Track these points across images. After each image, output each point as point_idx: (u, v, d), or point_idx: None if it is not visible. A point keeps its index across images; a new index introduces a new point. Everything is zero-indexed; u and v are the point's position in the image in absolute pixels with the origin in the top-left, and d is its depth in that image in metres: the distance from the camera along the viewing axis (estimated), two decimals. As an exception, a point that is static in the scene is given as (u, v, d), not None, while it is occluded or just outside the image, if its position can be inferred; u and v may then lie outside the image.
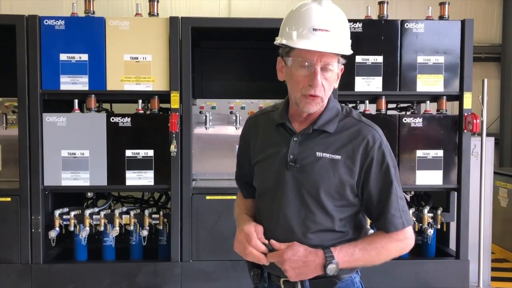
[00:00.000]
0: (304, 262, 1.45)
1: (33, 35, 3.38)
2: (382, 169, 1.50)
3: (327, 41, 1.43)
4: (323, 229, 1.50)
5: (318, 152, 1.50)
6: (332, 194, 1.49)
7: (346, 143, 1.50)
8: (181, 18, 3.46)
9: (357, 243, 1.49)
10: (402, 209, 1.51)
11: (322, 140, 1.52)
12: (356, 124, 1.54)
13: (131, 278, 3.52)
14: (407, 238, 1.53)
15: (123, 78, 3.44)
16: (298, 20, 1.47)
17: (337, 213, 1.51)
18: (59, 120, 3.44)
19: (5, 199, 3.44)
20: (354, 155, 1.49)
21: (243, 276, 3.53)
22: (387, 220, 1.50)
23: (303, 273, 1.46)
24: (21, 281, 3.45)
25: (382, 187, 1.50)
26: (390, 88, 3.59)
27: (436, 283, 3.65)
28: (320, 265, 1.44)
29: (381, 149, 1.50)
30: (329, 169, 1.48)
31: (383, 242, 1.50)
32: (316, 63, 1.44)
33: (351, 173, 1.49)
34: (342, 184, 1.49)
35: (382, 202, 1.50)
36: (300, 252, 1.45)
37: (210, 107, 3.81)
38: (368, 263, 1.50)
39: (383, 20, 3.62)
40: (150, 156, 3.49)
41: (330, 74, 1.46)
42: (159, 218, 3.58)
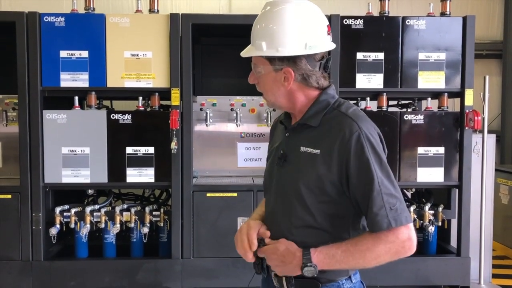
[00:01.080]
0: (282, 262, 1.45)
1: (33, 32, 3.37)
2: (361, 164, 1.39)
3: (251, 44, 1.51)
4: (305, 225, 1.48)
5: (302, 146, 1.49)
6: (312, 188, 1.45)
7: (325, 137, 1.45)
8: (182, 15, 3.45)
9: (340, 245, 1.41)
10: (391, 207, 1.38)
11: (306, 134, 1.50)
12: (338, 116, 1.46)
13: (131, 275, 3.52)
14: (400, 240, 1.38)
15: (124, 75, 3.44)
16: None
17: (318, 210, 1.45)
18: (60, 117, 3.43)
19: (6, 196, 3.44)
20: (330, 149, 1.42)
21: (244, 273, 3.54)
22: (371, 219, 1.39)
23: (285, 271, 1.47)
24: (22, 278, 3.45)
25: (364, 184, 1.39)
26: (391, 85, 3.58)
27: (437, 280, 3.65)
28: (298, 266, 1.41)
29: (359, 142, 1.39)
30: (308, 164, 1.45)
31: (369, 244, 1.39)
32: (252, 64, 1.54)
33: (328, 167, 1.42)
34: (320, 179, 1.43)
35: (365, 199, 1.39)
36: (278, 251, 1.45)
37: (211, 104, 3.80)
38: (353, 266, 1.43)
39: (384, 16, 3.61)
40: (150, 153, 3.48)
41: (258, 75, 1.51)
42: (160, 215, 3.58)
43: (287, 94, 1.51)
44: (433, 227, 3.68)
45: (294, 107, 1.54)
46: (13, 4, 4.43)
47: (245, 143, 3.83)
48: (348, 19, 3.50)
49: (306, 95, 1.52)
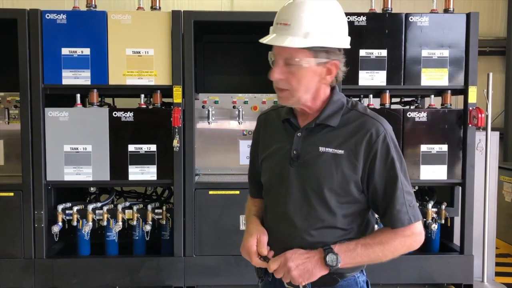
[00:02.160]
0: (306, 258, 1.43)
1: (34, 29, 3.36)
2: (387, 163, 1.44)
3: (284, 35, 1.40)
4: (325, 226, 1.48)
5: (321, 147, 1.47)
6: (335, 190, 1.45)
7: (349, 137, 1.45)
8: (184, 12, 3.44)
9: (359, 240, 1.45)
10: (409, 204, 1.46)
11: (325, 134, 1.49)
12: (360, 117, 1.49)
13: (134, 273, 3.51)
14: (415, 234, 1.47)
15: (125, 73, 3.43)
16: (276, 15, 1.49)
17: (340, 210, 1.47)
18: (61, 114, 3.42)
19: (8, 194, 3.44)
20: (357, 149, 1.44)
21: (246, 271, 3.53)
22: (393, 216, 1.45)
23: (307, 270, 1.43)
24: (24, 276, 3.45)
25: (387, 182, 1.45)
26: (394, 82, 3.56)
27: (440, 278, 3.64)
28: (321, 258, 1.42)
29: (385, 142, 1.44)
30: (331, 164, 1.45)
31: (388, 238, 1.45)
32: (278, 57, 1.44)
33: (354, 168, 1.44)
34: (345, 180, 1.44)
35: (388, 197, 1.45)
36: (300, 251, 1.45)
37: (213, 101, 3.79)
38: (372, 260, 1.46)
39: (387, 13, 3.59)
40: (152, 151, 3.48)
41: (296, 68, 1.42)
42: (162, 213, 3.57)
43: (316, 90, 1.48)
44: (436, 225, 3.66)
45: (314, 105, 1.51)
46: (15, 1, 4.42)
47: (247, 141, 3.81)
48: (351, 16, 3.48)
49: (325, 93, 1.51)
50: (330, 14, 1.44)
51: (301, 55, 1.41)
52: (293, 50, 1.40)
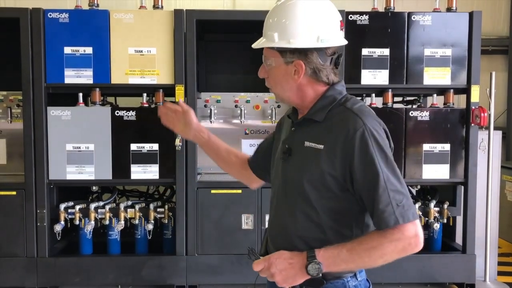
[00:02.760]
0: (289, 264, 1.42)
1: (37, 28, 3.36)
2: (366, 160, 1.37)
3: (263, 36, 1.51)
4: (308, 220, 1.47)
5: (306, 141, 1.48)
6: (314, 184, 1.43)
7: (329, 132, 1.44)
8: (186, 11, 3.44)
9: (346, 244, 1.39)
10: (397, 203, 1.35)
11: (311, 129, 1.49)
12: (343, 112, 1.45)
13: (136, 271, 3.52)
14: (406, 237, 1.35)
15: (128, 72, 3.43)
16: None
17: (322, 205, 1.44)
18: (64, 113, 3.43)
19: (10, 193, 3.45)
20: (335, 145, 1.40)
21: (248, 270, 3.52)
22: (377, 217, 1.36)
23: (289, 276, 1.42)
24: (27, 274, 3.46)
25: (368, 180, 1.37)
26: (396, 81, 3.55)
27: (442, 278, 3.63)
28: (304, 265, 1.39)
29: (364, 138, 1.37)
30: (311, 159, 1.44)
31: (375, 242, 1.36)
32: (263, 58, 1.53)
33: (332, 163, 1.40)
34: (323, 175, 1.41)
35: (371, 196, 1.37)
36: (285, 255, 1.43)
37: (215, 100, 3.79)
38: (360, 265, 1.41)
39: (389, 12, 3.58)
40: (155, 150, 3.48)
41: (269, 68, 1.51)
42: (164, 212, 3.57)
43: (296, 88, 1.50)
44: (438, 224, 3.66)
45: (302, 102, 1.53)
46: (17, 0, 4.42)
47: (249, 140, 3.81)
48: (353, 15, 3.48)
49: (314, 90, 1.51)
50: (298, 14, 1.45)
51: (271, 55, 1.50)
52: (267, 51, 1.50)
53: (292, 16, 1.45)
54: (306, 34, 1.44)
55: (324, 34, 1.44)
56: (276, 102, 3.71)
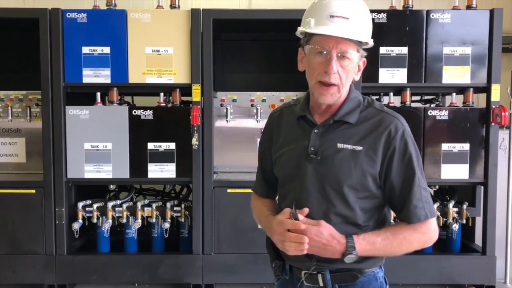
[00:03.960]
0: (324, 245, 1.43)
1: (56, 28, 3.40)
2: (404, 159, 1.46)
3: (345, 28, 1.42)
4: (345, 222, 1.48)
5: (339, 143, 1.48)
6: (354, 186, 1.46)
7: (367, 134, 1.47)
8: (203, 10, 3.44)
9: (379, 232, 1.46)
10: (426, 200, 1.48)
11: (343, 131, 1.50)
12: (377, 114, 1.51)
13: (153, 270, 3.54)
14: (430, 231, 1.49)
15: (145, 71, 3.44)
16: (318, 8, 1.48)
17: (359, 205, 1.48)
18: (82, 113, 3.46)
19: (30, 191, 3.49)
20: (376, 145, 1.46)
21: (265, 269, 3.52)
22: (410, 211, 1.46)
23: (320, 253, 1.45)
24: (46, 271, 3.50)
25: (404, 178, 1.47)
26: (415, 80, 3.51)
27: (461, 279, 3.58)
28: (339, 252, 1.42)
29: (403, 138, 1.47)
30: (350, 161, 1.46)
31: (406, 233, 1.47)
32: (332, 50, 1.43)
33: (373, 163, 1.46)
34: (364, 175, 1.46)
35: (405, 192, 1.47)
36: (323, 235, 1.42)
37: (231, 100, 3.78)
38: (388, 254, 1.48)
39: (408, 10, 3.54)
40: (172, 149, 3.49)
41: (348, 62, 1.45)
42: (181, 211, 3.59)
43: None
44: (457, 225, 3.61)
45: (338, 101, 1.52)
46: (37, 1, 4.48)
47: (265, 139, 3.80)
48: (371, 13, 3.42)
49: (346, 90, 1.52)
50: (368, 11, 1.51)
51: (354, 50, 1.45)
52: (349, 44, 1.43)
53: (366, 13, 1.49)
54: (370, 32, 1.50)
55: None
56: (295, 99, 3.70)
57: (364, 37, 1.46)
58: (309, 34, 1.48)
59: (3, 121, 3.73)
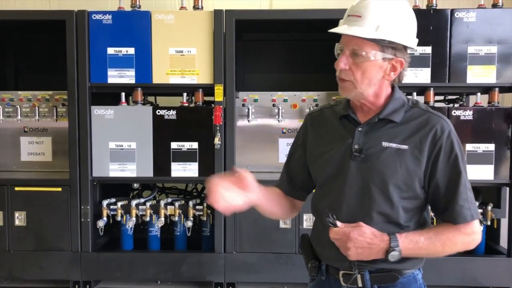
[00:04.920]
0: (368, 244, 1.43)
1: (82, 29, 3.46)
2: (450, 159, 1.47)
3: (355, 26, 1.44)
4: (387, 221, 1.49)
5: (384, 142, 1.49)
6: (398, 184, 1.47)
7: (413, 133, 1.49)
8: (226, 11, 3.47)
9: (422, 232, 1.47)
10: (471, 201, 1.48)
11: (388, 130, 1.51)
12: (423, 114, 1.52)
13: (175, 268, 3.58)
14: (474, 233, 1.50)
15: (169, 72, 3.49)
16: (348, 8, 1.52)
17: (402, 205, 1.48)
18: (107, 112, 3.52)
19: (56, 189, 3.56)
20: (421, 145, 1.47)
21: (286, 269, 3.54)
22: (456, 211, 1.46)
23: (364, 255, 1.44)
24: (71, 268, 3.57)
25: (450, 177, 1.47)
26: (438, 79, 3.48)
27: (485, 282, 3.53)
28: (383, 250, 1.42)
29: (449, 138, 1.48)
30: (395, 159, 1.47)
31: (449, 234, 1.47)
32: (345, 47, 1.47)
33: (418, 163, 1.47)
34: (409, 174, 1.47)
35: (451, 192, 1.47)
36: (366, 234, 1.43)
37: (253, 99, 3.79)
38: (431, 254, 1.49)
39: (431, 9, 3.51)
40: (194, 148, 3.53)
41: (361, 59, 1.45)
42: (203, 210, 3.62)
43: (379, 86, 1.50)
44: (482, 226, 3.56)
45: (375, 101, 1.53)
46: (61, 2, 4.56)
47: (286, 139, 3.80)
48: (394, 13, 3.41)
49: (387, 90, 1.54)
50: (401, 12, 1.47)
51: (369, 48, 1.44)
52: (362, 41, 1.44)
53: (400, 13, 1.46)
54: (410, 32, 1.48)
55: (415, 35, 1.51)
56: (315, 100, 3.71)
57: (378, 34, 1.42)
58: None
59: (30, 121, 3.82)
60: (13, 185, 3.57)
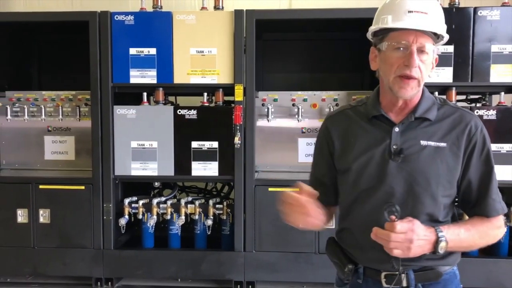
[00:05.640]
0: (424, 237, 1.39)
1: (104, 30, 3.52)
2: (483, 154, 1.52)
3: (424, 22, 1.44)
4: (429, 219, 1.49)
5: (422, 140, 1.50)
6: (442, 182, 1.49)
7: (449, 130, 1.52)
8: (246, 11, 3.48)
9: (460, 225, 1.49)
10: (500, 196, 1.55)
11: (425, 128, 1.52)
12: (455, 111, 1.56)
13: (196, 266, 3.61)
14: (502, 226, 1.55)
15: (189, 72, 3.52)
16: (393, 6, 1.49)
17: (443, 202, 1.51)
18: (129, 112, 3.57)
19: (79, 187, 3.63)
20: (459, 142, 1.50)
21: (306, 268, 3.54)
22: (489, 205, 1.51)
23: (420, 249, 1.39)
24: (94, 265, 3.64)
25: (483, 172, 1.51)
26: (461, 79, 3.44)
27: (510, 284, 3.47)
28: (433, 242, 1.41)
29: (482, 134, 1.52)
30: (435, 157, 1.48)
31: (484, 226, 1.51)
32: (412, 44, 1.44)
33: (457, 159, 1.50)
34: (450, 171, 1.49)
35: (483, 186, 1.51)
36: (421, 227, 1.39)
37: (272, 99, 3.80)
38: (470, 246, 1.52)
39: (454, 7, 3.47)
40: (214, 148, 3.55)
41: (426, 57, 1.46)
42: (223, 208, 3.64)
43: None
44: (505, 228, 3.49)
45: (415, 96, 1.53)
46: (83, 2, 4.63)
47: (306, 139, 3.80)
48: (416, 11, 3.38)
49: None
50: (441, 8, 1.54)
51: (431, 44, 1.47)
52: (427, 38, 1.45)
53: (440, 8, 1.52)
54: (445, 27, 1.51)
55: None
56: (335, 100, 3.70)
57: (440, 29, 1.48)
58: (385, 32, 1.48)
59: (54, 120, 3.88)
60: (37, 183, 3.65)
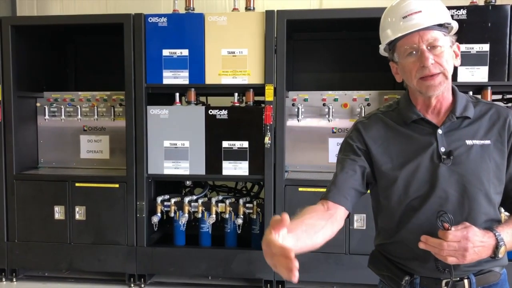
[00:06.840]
0: (482, 243, 1.37)
1: (138, 32, 3.60)
2: None
3: (421, 20, 1.44)
4: (488, 219, 1.47)
5: (468, 140, 1.49)
6: (492, 180, 1.47)
7: (490, 127, 1.50)
8: (277, 11, 3.50)
9: (509, 224, 1.46)
10: None
11: (466, 128, 1.51)
12: (491, 107, 1.54)
13: (226, 264, 3.66)
14: None
15: (221, 72, 3.56)
16: (388, 20, 1.53)
17: (496, 200, 1.49)
18: (162, 112, 3.64)
19: (114, 186, 3.73)
20: (502, 137, 1.49)
21: (336, 269, 3.53)
22: None
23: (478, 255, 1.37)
24: (127, 261, 3.73)
25: None
26: (497, 78, 3.36)
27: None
28: (492, 246, 1.38)
29: None
30: (484, 156, 1.47)
31: None
32: (420, 44, 1.44)
33: (503, 154, 1.48)
34: (499, 168, 1.48)
35: None
36: (479, 233, 1.37)
37: (302, 99, 3.81)
38: None
39: (490, 5, 3.39)
40: (245, 147, 3.59)
41: (439, 50, 1.44)
42: (253, 208, 3.67)
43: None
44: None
45: (448, 96, 1.53)
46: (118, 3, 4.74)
47: (336, 139, 3.79)
48: (450, 9, 3.30)
49: (450, 85, 1.54)
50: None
51: (440, 35, 1.45)
52: (432, 32, 1.44)
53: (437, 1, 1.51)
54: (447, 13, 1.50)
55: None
56: (366, 99, 3.67)
57: (442, 19, 1.46)
58: (393, 44, 1.51)
59: (89, 120, 4.01)
60: (73, 181, 3.77)
